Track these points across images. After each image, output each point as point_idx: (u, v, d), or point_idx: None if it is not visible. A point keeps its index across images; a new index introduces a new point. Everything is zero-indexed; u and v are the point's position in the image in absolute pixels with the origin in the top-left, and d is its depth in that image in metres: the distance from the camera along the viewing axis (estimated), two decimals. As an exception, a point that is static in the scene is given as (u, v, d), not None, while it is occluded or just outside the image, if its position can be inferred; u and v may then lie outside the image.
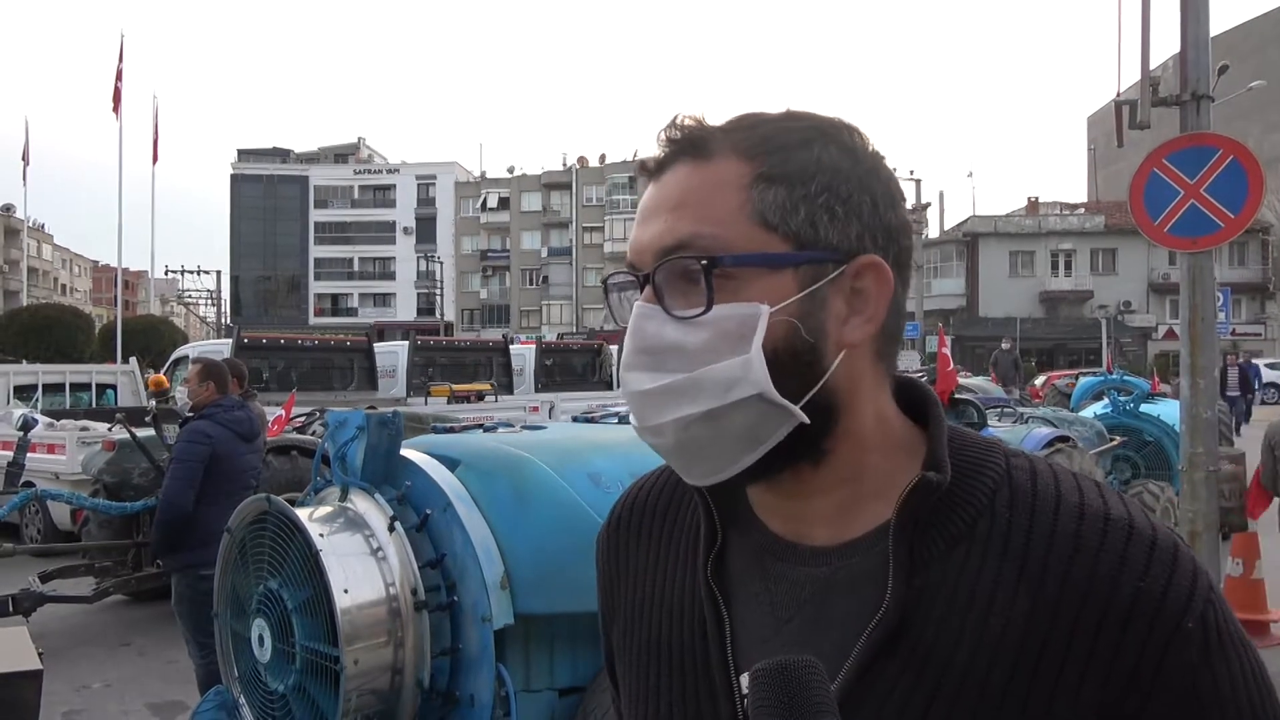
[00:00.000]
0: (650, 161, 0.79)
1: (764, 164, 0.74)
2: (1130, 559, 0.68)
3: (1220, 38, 22.32)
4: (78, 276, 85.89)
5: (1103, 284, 44.68)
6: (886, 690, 0.70)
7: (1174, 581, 0.67)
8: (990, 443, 0.80)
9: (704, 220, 0.73)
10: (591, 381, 16.33)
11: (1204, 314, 4.99)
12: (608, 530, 0.97)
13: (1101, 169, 53.60)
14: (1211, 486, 5.02)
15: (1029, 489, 0.74)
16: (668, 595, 0.86)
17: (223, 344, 12.95)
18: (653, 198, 0.77)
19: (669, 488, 0.93)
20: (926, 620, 0.71)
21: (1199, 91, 4.94)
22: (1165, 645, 0.66)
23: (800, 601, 0.77)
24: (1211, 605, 0.68)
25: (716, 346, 0.72)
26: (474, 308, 64.76)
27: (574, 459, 2.84)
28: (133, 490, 7.40)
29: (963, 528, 0.73)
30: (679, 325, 0.73)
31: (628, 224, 60.80)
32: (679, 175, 0.76)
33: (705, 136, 0.76)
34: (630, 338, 0.75)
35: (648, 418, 0.75)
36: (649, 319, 0.74)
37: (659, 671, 0.85)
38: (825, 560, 0.77)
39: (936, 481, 0.72)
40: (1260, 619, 6.23)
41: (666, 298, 0.74)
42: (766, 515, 0.82)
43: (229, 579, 2.72)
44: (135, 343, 27.84)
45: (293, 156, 71.81)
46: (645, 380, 0.74)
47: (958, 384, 7.70)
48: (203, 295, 60.61)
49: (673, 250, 0.74)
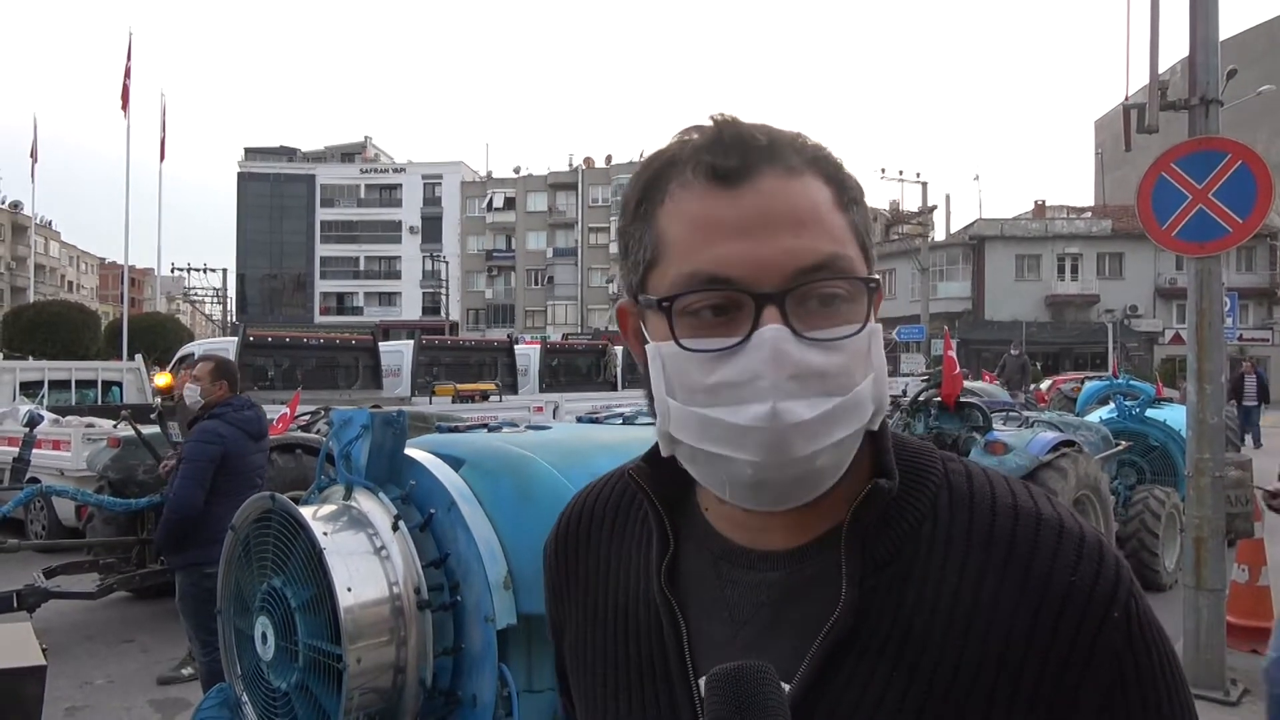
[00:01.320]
0: (723, 164, 0.71)
1: (843, 186, 0.75)
2: (1061, 555, 0.72)
3: (1229, 41, 22.30)
4: (84, 273, 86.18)
5: (1109, 288, 44.57)
6: (843, 688, 0.73)
7: (1101, 575, 0.72)
8: (928, 448, 0.82)
9: (835, 240, 0.72)
10: (596, 382, 16.35)
11: (1211, 319, 4.97)
12: (555, 540, 0.97)
13: (1109, 173, 53.47)
14: (1218, 492, 5.00)
15: (966, 491, 0.77)
16: (620, 604, 0.87)
17: (228, 342, 12.97)
18: (754, 208, 0.70)
19: (615, 496, 0.93)
20: (879, 620, 0.73)
21: (1207, 96, 4.93)
22: (1095, 633, 0.70)
23: (757, 605, 0.78)
24: (1133, 597, 0.73)
25: (855, 368, 0.71)
26: (479, 307, 64.82)
27: (578, 459, 2.84)
28: (137, 487, 7.43)
29: (909, 530, 0.76)
30: (819, 349, 0.70)
31: (633, 225, 61.23)
32: (778, 187, 0.71)
33: (780, 146, 0.73)
34: (775, 364, 0.68)
35: (794, 449, 0.69)
36: (788, 342, 0.69)
37: (616, 680, 0.85)
38: (780, 565, 0.78)
39: (887, 488, 0.75)
40: (1265, 626, 6.19)
41: (792, 319, 0.69)
42: (725, 525, 0.82)
43: (232, 576, 2.72)
44: (141, 340, 27.94)
45: (299, 155, 71.97)
46: (805, 409, 0.68)
47: (964, 387, 7.69)
48: (209, 293, 60.83)
49: (813, 269, 0.70)
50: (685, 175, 0.73)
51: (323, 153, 73.09)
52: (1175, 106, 5.02)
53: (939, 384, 7.24)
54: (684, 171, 0.73)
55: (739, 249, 0.70)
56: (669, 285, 0.73)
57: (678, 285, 0.72)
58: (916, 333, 36.95)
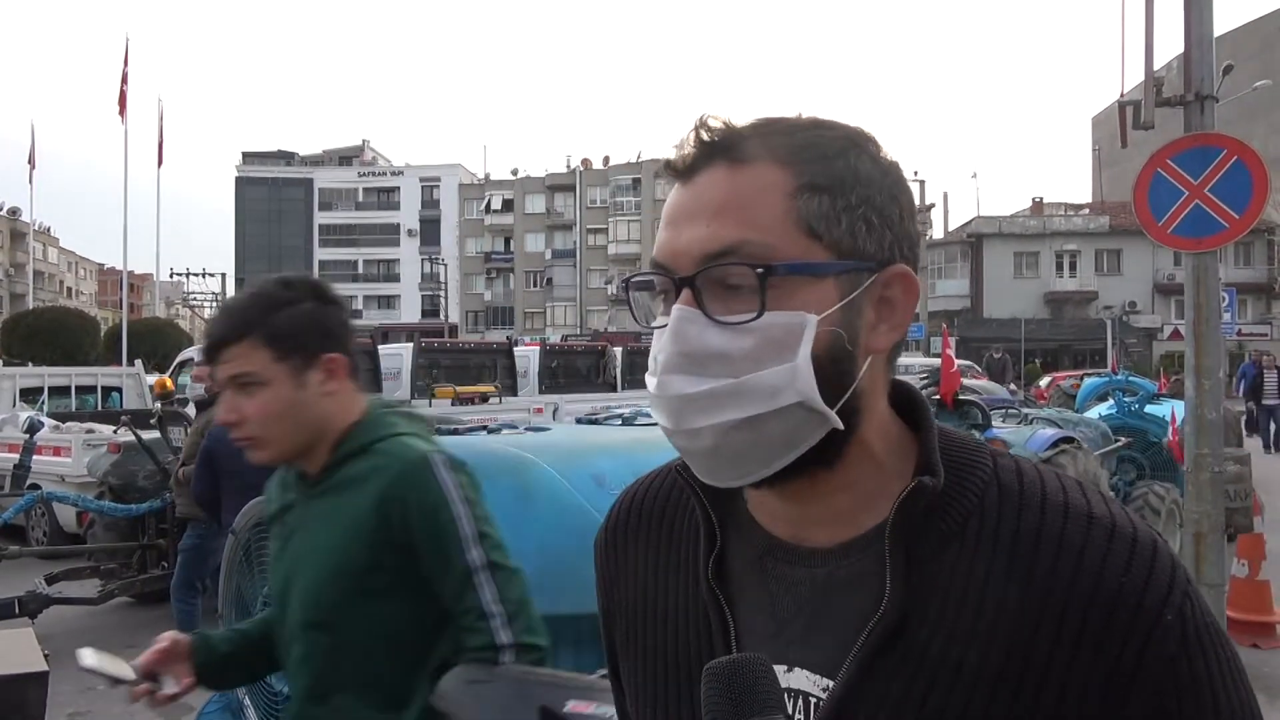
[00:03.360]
0: (679, 161, 0.77)
1: (806, 172, 0.75)
2: (1113, 556, 0.71)
3: (1225, 37, 22.30)
4: (83, 279, 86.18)
5: (1107, 285, 44.58)
6: (886, 686, 0.72)
7: (1153, 577, 0.70)
8: (977, 443, 0.82)
9: (750, 226, 0.73)
10: (596, 383, 16.32)
11: (1209, 314, 4.98)
12: (606, 532, 0.97)
13: (1106, 169, 53.49)
14: (1217, 487, 5.00)
15: (1016, 488, 0.76)
16: (670, 598, 0.87)
17: (227, 346, 12.94)
18: (687, 199, 0.76)
19: (665, 490, 0.93)
20: (923, 618, 0.73)
21: (1203, 92, 4.93)
22: (1146, 637, 0.69)
23: (801, 602, 0.79)
24: (1188, 599, 0.71)
25: (761, 353, 0.72)
26: (478, 310, 64.81)
27: (578, 460, 2.84)
28: (138, 492, 7.43)
29: (954, 527, 0.75)
30: (723, 331, 0.72)
31: (631, 225, 60.82)
32: (716, 178, 0.75)
33: (739, 139, 0.75)
34: (671, 341, 0.73)
35: (686, 421, 0.74)
36: (690, 323, 0.73)
37: (665, 675, 0.85)
38: (824, 561, 0.79)
39: (931, 485, 0.75)
40: (1266, 620, 6.21)
41: (707, 302, 0.73)
42: (766, 518, 0.83)
43: (233, 581, 2.72)
44: (141, 345, 27.94)
45: (297, 159, 71.97)
46: (687, 384, 0.73)
47: (961, 384, 7.69)
48: (208, 298, 60.65)
49: (718, 255, 0.73)
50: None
51: (320, 156, 73.07)
52: (1171, 103, 5.02)
53: (937, 382, 7.24)
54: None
55: (667, 237, 0.76)
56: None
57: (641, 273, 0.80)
58: (915, 331, 36.95)
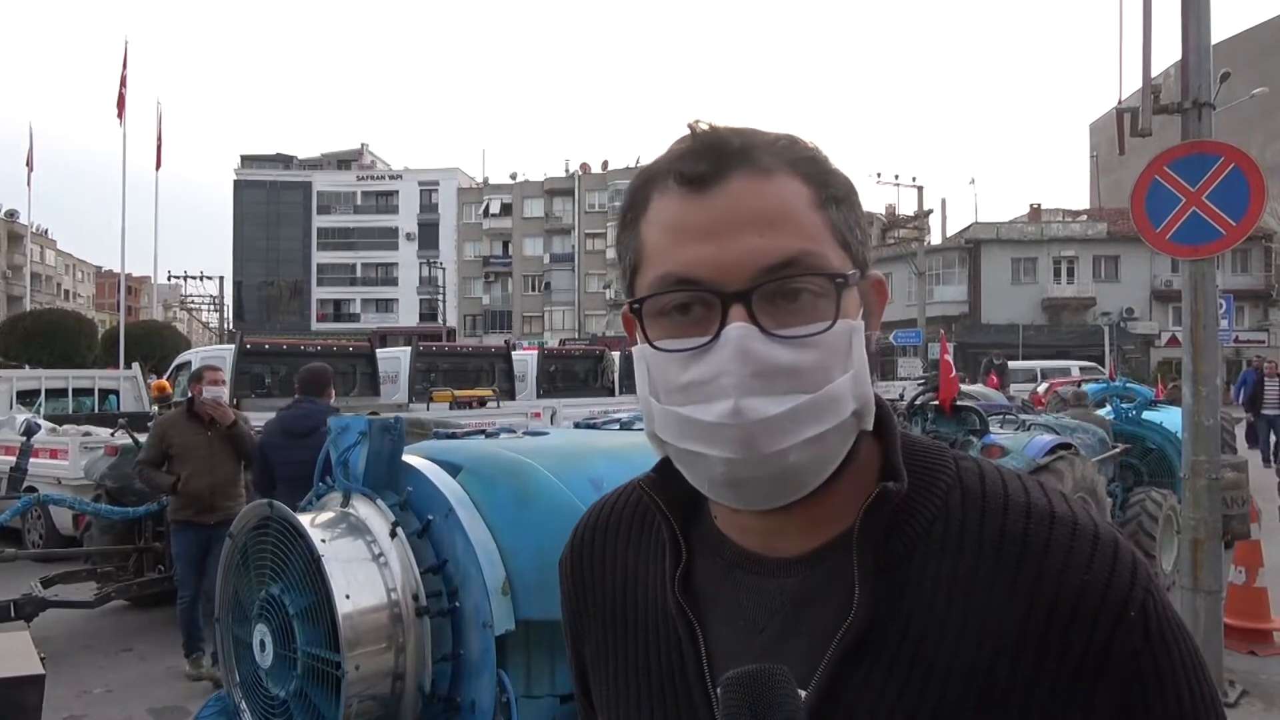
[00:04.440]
0: (693, 170, 0.73)
1: (819, 184, 0.75)
2: (1075, 554, 0.72)
3: (1222, 45, 22.35)
4: (81, 282, 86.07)
5: (1105, 291, 44.61)
6: (858, 692, 0.73)
7: (1116, 574, 0.71)
8: (939, 447, 0.83)
9: (804, 237, 0.72)
10: (594, 387, 16.33)
11: (1206, 321, 4.99)
12: (571, 552, 0.97)
13: (1103, 176, 53.59)
14: (1214, 494, 5.01)
15: (979, 490, 0.77)
16: (639, 615, 0.87)
17: (225, 349, 12.96)
18: (720, 210, 0.72)
19: (629, 507, 0.93)
20: (892, 621, 0.74)
21: (1200, 99, 4.95)
22: (1111, 633, 0.70)
23: (771, 612, 0.79)
24: (1150, 595, 0.72)
25: (829, 364, 0.71)
26: (476, 313, 64.80)
27: (576, 465, 2.84)
28: (134, 495, 7.40)
29: (920, 531, 0.76)
30: (788, 346, 0.70)
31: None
32: (747, 188, 0.72)
33: (755, 149, 0.73)
34: (736, 361, 0.69)
35: (762, 446, 0.70)
36: (755, 340, 0.69)
37: (637, 690, 0.86)
38: (793, 570, 0.79)
39: (896, 490, 0.75)
40: (1263, 627, 6.20)
41: (760, 317, 0.70)
42: (734, 530, 0.83)
43: (231, 584, 2.72)
44: (138, 348, 27.90)
45: (296, 162, 71.99)
46: (768, 405, 0.69)
47: (959, 390, 7.70)
48: (205, 301, 60.61)
49: (780, 267, 0.71)
50: (664, 183, 0.75)
51: (319, 160, 73.09)
52: (1169, 110, 5.04)
53: (936, 387, 7.25)
54: (662, 180, 0.75)
55: (706, 250, 0.71)
56: (645, 289, 0.75)
57: (651, 288, 0.74)
58: (913, 337, 36.95)
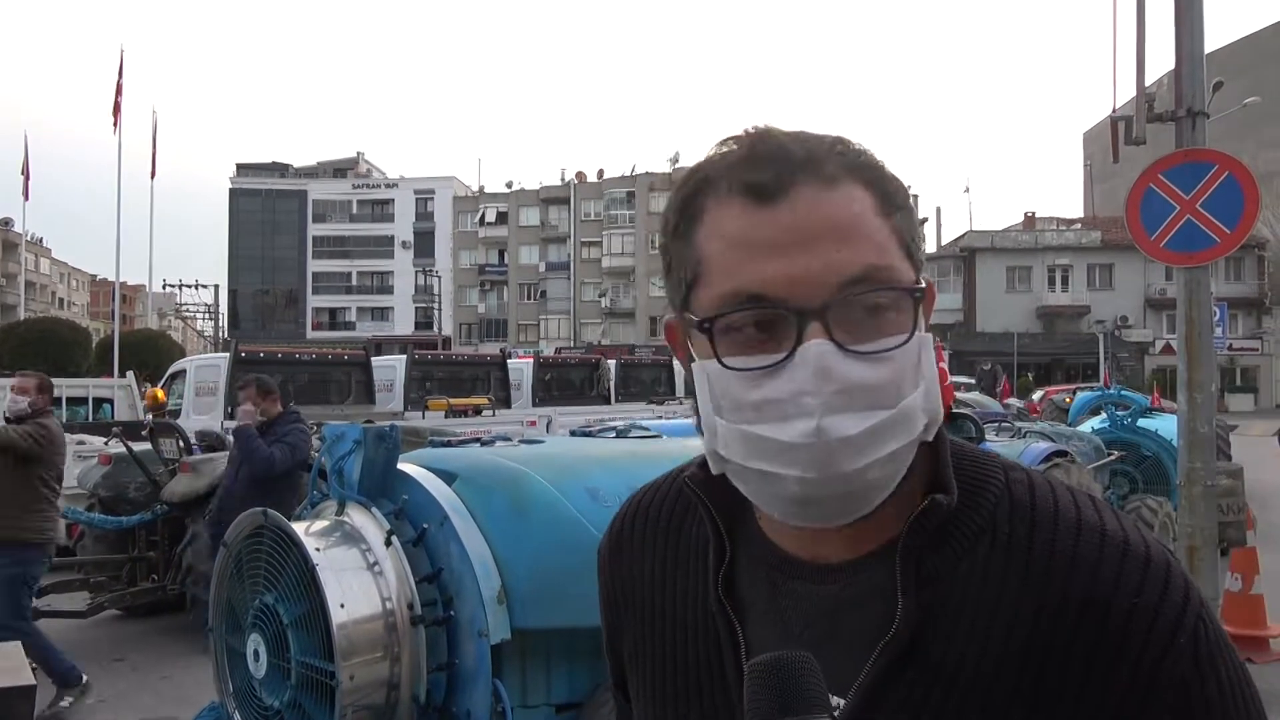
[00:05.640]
0: (756, 180, 0.70)
1: (880, 191, 0.73)
2: (1125, 575, 0.70)
3: (1215, 54, 22.43)
4: (75, 290, 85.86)
5: (1100, 299, 44.75)
6: (898, 704, 0.72)
7: (1167, 598, 0.69)
8: (989, 457, 0.81)
9: (878, 249, 0.70)
10: (589, 396, 16.32)
11: (1201, 329, 5.00)
12: (609, 543, 0.96)
13: (1098, 184, 53.77)
14: (1210, 501, 5.01)
15: (1028, 503, 0.75)
16: (679, 611, 0.86)
17: (221, 358, 12.92)
18: (790, 222, 0.69)
19: (669, 501, 0.92)
20: (934, 635, 0.72)
21: (1194, 108, 4.97)
22: (1160, 659, 0.68)
23: (811, 618, 0.78)
24: (1202, 621, 0.70)
25: (904, 379, 0.70)
26: (472, 322, 64.75)
27: (572, 473, 2.83)
28: (128, 505, 7.38)
29: (966, 544, 0.74)
30: (865, 362, 0.68)
31: (625, 239, 60.82)
32: (816, 198, 0.70)
33: (817, 156, 0.71)
34: (818, 380, 0.67)
35: (840, 465, 0.68)
36: (834, 358, 0.67)
37: (675, 687, 0.85)
38: (835, 577, 0.78)
39: (945, 504, 0.74)
40: (1259, 634, 6.20)
41: (836, 333, 0.68)
42: (777, 534, 0.81)
43: (224, 593, 2.70)
44: (132, 357, 27.82)
45: (291, 171, 71.96)
46: (850, 423, 0.67)
47: (955, 398, 7.71)
48: (200, 309, 60.53)
49: (854, 282, 0.69)
50: (721, 192, 0.72)
51: (315, 168, 73.07)
52: (1163, 118, 5.06)
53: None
54: (720, 188, 0.73)
55: (778, 266, 0.69)
56: (710, 304, 0.72)
57: (719, 304, 0.71)
58: (909, 344, 36.94)
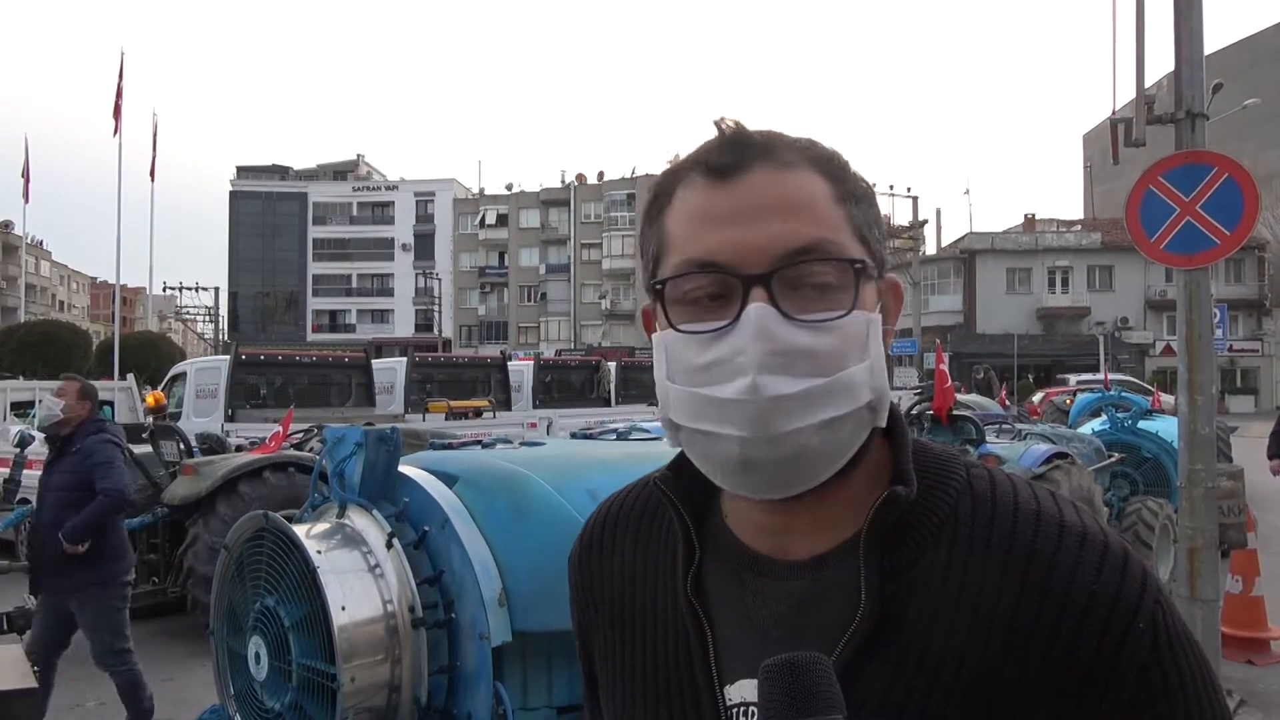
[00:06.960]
0: (716, 161, 0.75)
1: (840, 182, 0.77)
2: (1084, 563, 0.72)
3: (1215, 56, 22.47)
4: (75, 293, 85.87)
5: (1100, 300, 44.76)
6: (863, 696, 0.73)
7: (1125, 585, 0.71)
8: (951, 454, 0.83)
9: (824, 226, 0.74)
10: (589, 398, 16.35)
11: (1201, 330, 5.00)
12: (580, 549, 0.97)
13: (1097, 186, 53.82)
14: (1210, 503, 5.01)
15: (989, 497, 0.77)
16: (648, 612, 0.87)
17: (221, 360, 12.93)
18: (741, 198, 0.74)
19: (639, 505, 0.94)
20: (899, 626, 0.74)
21: (1194, 109, 4.97)
22: (1119, 644, 0.69)
23: (779, 615, 0.79)
24: (1160, 607, 0.72)
25: (846, 350, 0.73)
26: (472, 324, 64.78)
27: (573, 475, 2.83)
28: (129, 507, 7.36)
29: (928, 537, 0.76)
30: (806, 329, 0.72)
31: (626, 240, 60.84)
32: (769, 179, 0.74)
33: (777, 145, 0.76)
34: (757, 340, 0.70)
35: (773, 426, 0.71)
36: (775, 321, 0.71)
37: (645, 688, 0.86)
38: (801, 574, 0.79)
39: (904, 495, 0.75)
40: (1260, 636, 6.21)
41: (780, 300, 0.71)
42: (745, 532, 0.83)
43: (226, 595, 2.70)
44: (133, 359, 27.88)
45: (291, 173, 72.04)
46: (784, 384, 0.70)
47: (955, 400, 7.70)
48: (200, 311, 60.60)
49: (801, 252, 0.72)
50: (688, 176, 0.78)
51: (315, 171, 73.15)
52: (1162, 120, 5.05)
53: (931, 397, 7.25)
54: (687, 174, 0.78)
55: (729, 235, 0.73)
56: (668, 273, 0.77)
57: (674, 272, 0.76)
58: (909, 346, 37.04)
